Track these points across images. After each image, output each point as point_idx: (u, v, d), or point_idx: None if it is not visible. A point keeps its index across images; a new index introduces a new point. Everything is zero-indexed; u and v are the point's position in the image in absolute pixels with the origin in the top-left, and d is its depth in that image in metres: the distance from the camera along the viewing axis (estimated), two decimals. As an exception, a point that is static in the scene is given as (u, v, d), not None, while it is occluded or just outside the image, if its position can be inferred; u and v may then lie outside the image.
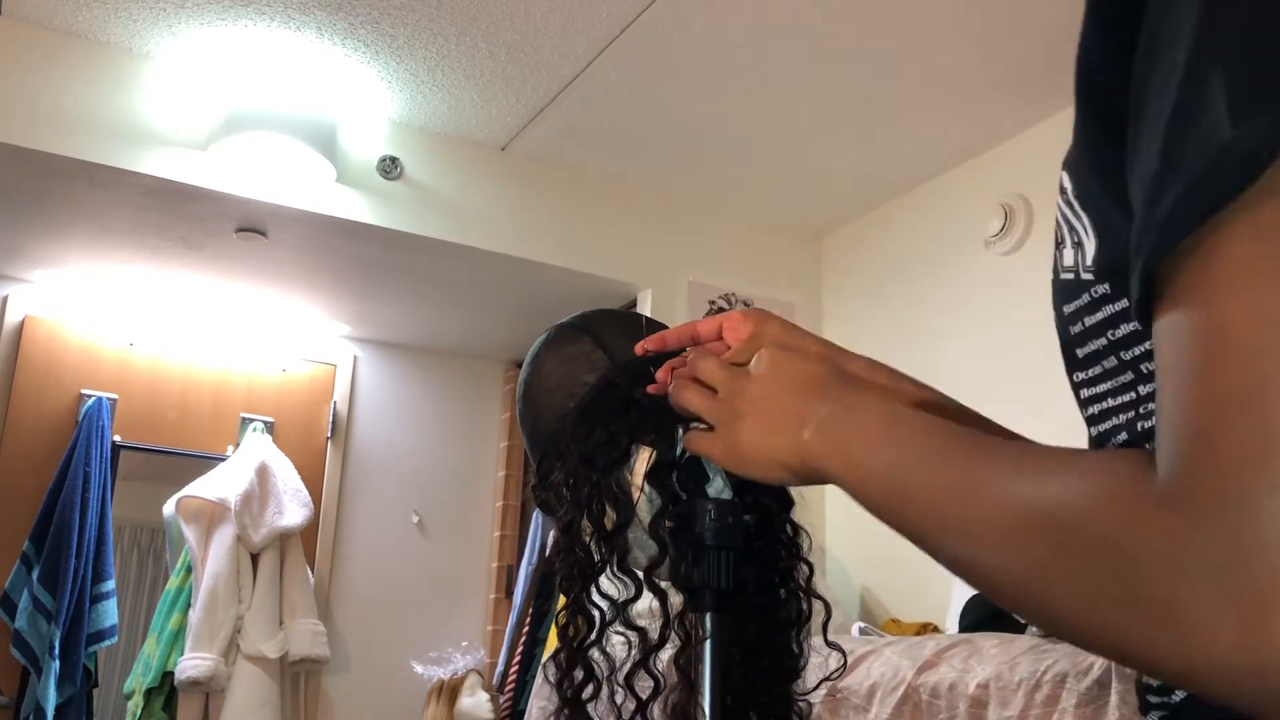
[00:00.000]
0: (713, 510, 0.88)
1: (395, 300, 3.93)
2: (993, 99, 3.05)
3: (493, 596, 4.33)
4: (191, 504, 3.63)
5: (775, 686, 0.95)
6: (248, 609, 3.58)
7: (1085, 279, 0.56)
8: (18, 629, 3.38)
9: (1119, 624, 0.43)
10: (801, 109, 3.18)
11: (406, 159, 3.32)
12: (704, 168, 3.57)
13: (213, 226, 3.29)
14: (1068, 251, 0.58)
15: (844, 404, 0.67)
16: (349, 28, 2.85)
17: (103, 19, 2.86)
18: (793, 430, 0.69)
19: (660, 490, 0.90)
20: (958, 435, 0.57)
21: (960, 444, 0.56)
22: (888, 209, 3.72)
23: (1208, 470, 0.39)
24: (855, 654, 2.26)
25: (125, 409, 3.83)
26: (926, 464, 0.56)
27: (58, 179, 3.00)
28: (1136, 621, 0.42)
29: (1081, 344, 0.58)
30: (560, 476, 0.95)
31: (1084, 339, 0.58)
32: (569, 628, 0.92)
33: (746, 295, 3.72)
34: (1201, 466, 0.40)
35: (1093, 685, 1.75)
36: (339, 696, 4.01)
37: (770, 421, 0.72)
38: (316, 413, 4.17)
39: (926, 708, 2.02)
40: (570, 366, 0.98)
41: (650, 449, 0.92)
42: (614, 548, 0.91)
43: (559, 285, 3.60)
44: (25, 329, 3.73)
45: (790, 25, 2.78)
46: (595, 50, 2.92)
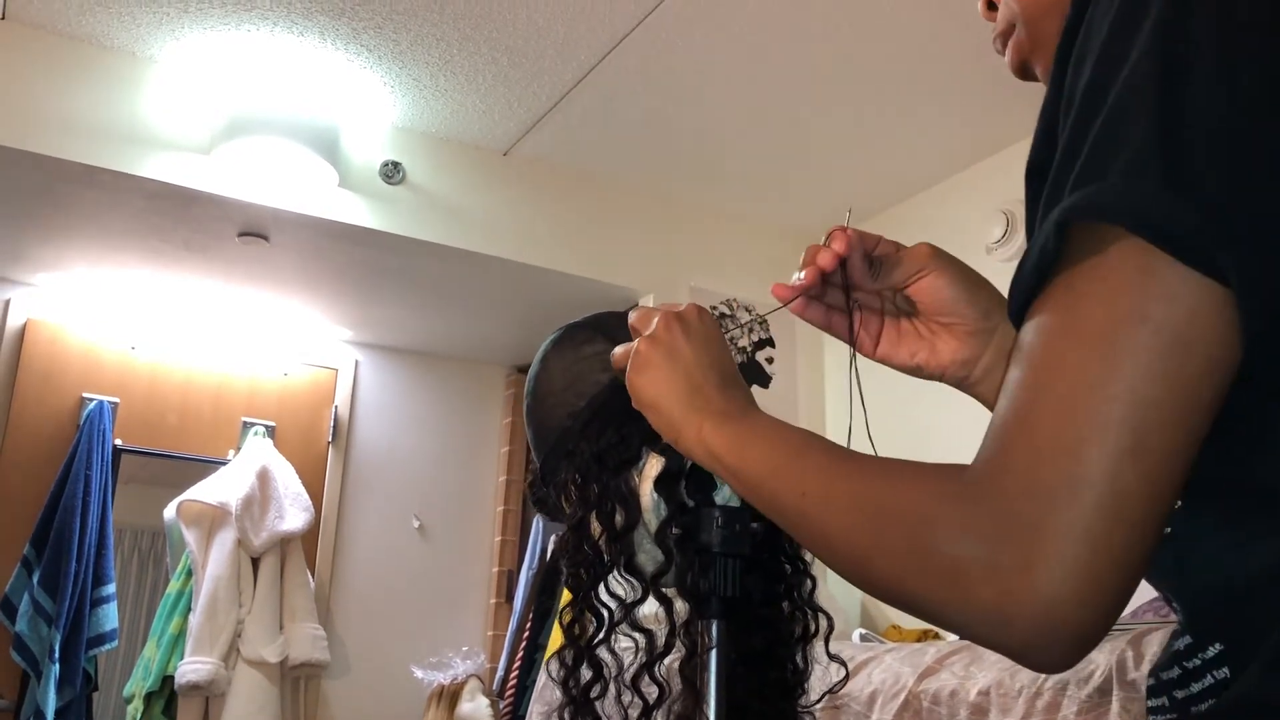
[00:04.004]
0: (720, 518, 0.88)
1: (397, 305, 3.93)
2: (995, 105, 3.05)
3: (493, 601, 4.33)
4: (192, 508, 3.62)
5: (779, 700, 0.95)
6: (248, 613, 3.58)
7: None
8: (18, 632, 3.37)
9: (916, 582, 0.54)
10: (803, 115, 3.18)
11: (409, 164, 3.32)
12: (706, 173, 3.57)
13: (215, 230, 3.29)
14: None
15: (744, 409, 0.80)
16: (352, 32, 2.85)
17: (106, 23, 2.86)
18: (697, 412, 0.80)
19: (668, 498, 0.90)
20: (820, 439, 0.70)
21: (820, 443, 0.69)
22: (889, 215, 3.72)
23: (998, 465, 0.52)
24: (856, 661, 2.26)
25: (126, 412, 3.83)
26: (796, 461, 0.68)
27: (60, 182, 3.00)
28: (929, 579, 0.53)
29: None
30: (568, 475, 0.95)
31: None
32: (574, 626, 0.92)
33: (748, 300, 3.73)
34: (994, 462, 0.52)
35: (1094, 693, 1.75)
36: (339, 701, 4.00)
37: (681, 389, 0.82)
38: (317, 417, 4.16)
39: (927, 714, 2.02)
40: (583, 365, 0.98)
41: (660, 455, 0.92)
42: (623, 548, 0.91)
43: (561, 290, 3.60)
44: (27, 332, 3.73)
45: (791, 32, 2.79)
46: (597, 56, 2.93)
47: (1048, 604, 0.49)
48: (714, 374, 0.83)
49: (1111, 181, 0.50)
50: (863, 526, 0.59)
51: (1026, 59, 0.77)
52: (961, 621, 0.53)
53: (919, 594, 0.54)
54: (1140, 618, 2.05)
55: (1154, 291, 0.49)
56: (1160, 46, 0.52)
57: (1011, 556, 0.50)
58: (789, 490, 0.67)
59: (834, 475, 0.64)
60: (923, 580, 0.54)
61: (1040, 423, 0.51)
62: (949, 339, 0.88)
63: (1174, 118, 0.50)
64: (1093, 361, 0.50)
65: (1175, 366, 0.49)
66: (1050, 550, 0.49)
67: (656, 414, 0.83)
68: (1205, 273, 0.49)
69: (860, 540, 0.59)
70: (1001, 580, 0.50)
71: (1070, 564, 0.49)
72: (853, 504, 0.61)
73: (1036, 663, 0.52)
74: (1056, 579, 0.49)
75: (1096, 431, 0.49)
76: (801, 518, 0.65)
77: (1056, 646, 0.50)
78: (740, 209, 3.80)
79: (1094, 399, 0.49)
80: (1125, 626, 1.88)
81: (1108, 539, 0.49)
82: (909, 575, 0.55)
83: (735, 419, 0.78)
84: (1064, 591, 0.49)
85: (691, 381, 0.82)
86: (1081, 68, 0.55)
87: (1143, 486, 0.49)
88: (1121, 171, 0.50)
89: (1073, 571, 0.48)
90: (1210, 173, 0.49)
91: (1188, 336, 0.49)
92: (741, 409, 0.80)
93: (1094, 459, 0.49)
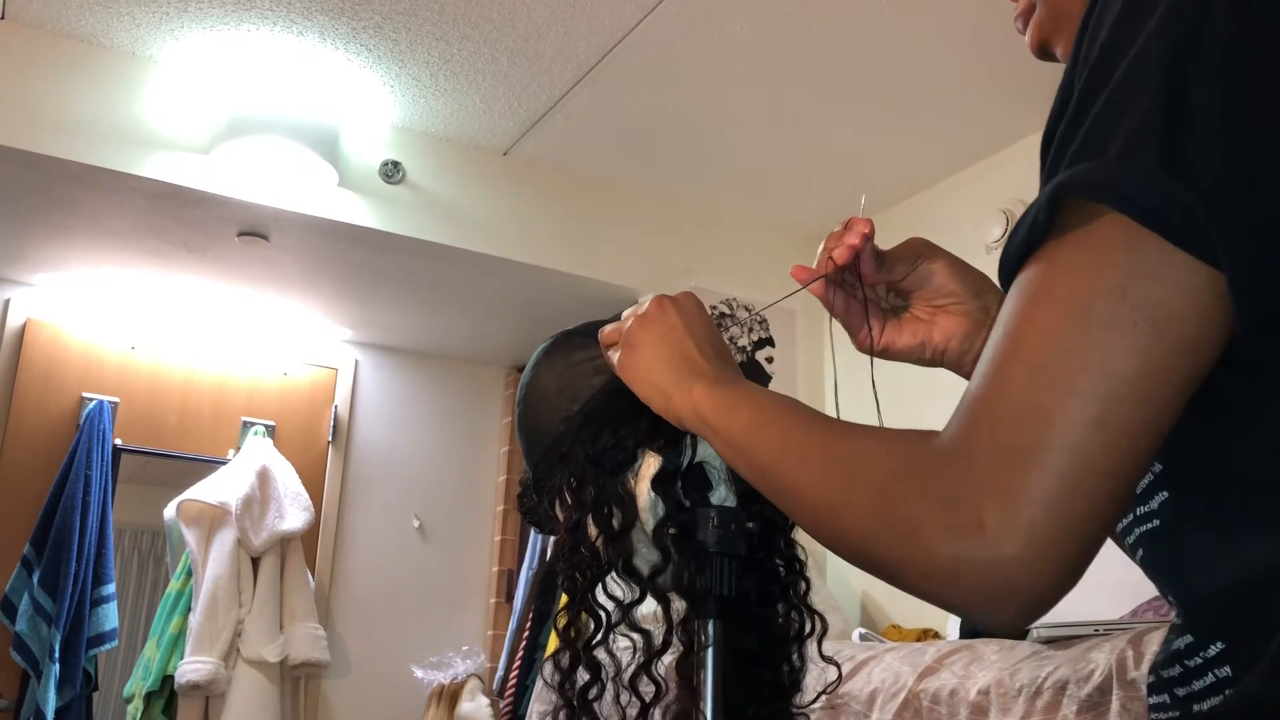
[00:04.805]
0: (716, 517, 0.88)
1: (397, 304, 3.93)
2: (994, 104, 3.05)
3: (493, 601, 4.33)
4: (192, 507, 3.62)
5: (775, 700, 0.95)
6: (248, 613, 3.58)
7: None
8: (18, 632, 3.38)
9: (879, 539, 0.56)
10: (803, 115, 3.18)
11: (408, 163, 3.32)
12: (706, 173, 3.57)
13: (215, 230, 3.29)
14: None
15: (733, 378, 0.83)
16: (352, 32, 2.85)
17: (106, 23, 2.86)
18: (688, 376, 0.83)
19: (665, 498, 0.90)
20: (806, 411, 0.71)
21: (805, 409, 0.71)
22: (889, 214, 3.72)
23: (967, 427, 0.53)
24: (856, 660, 2.26)
25: (126, 412, 3.83)
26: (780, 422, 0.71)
27: (60, 182, 3.00)
28: (890, 536, 0.55)
29: None
30: (562, 479, 0.95)
31: None
32: (570, 629, 0.92)
33: (748, 300, 3.73)
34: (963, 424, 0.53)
35: (1094, 692, 1.75)
36: (339, 701, 4.01)
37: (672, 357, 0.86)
38: (317, 416, 4.17)
39: (927, 714, 2.02)
40: (575, 370, 0.98)
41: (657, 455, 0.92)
42: (620, 549, 0.91)
43: (560, 290, 3.60)
44: (27, 332, 3.73)
45: (791, 32, 2.79)
46: (597, 56, 2.92)
47: (996, 563, 0.50)
48: (707, 346, 0.86)
49: (1108, 160, 0.51)
50: (834, 483, 0.61)
51: (1047, 38, 0.76)
52: (916, 579, 0.54)
53: (880, 550, 0.56)
54: (1140, 617, 2.05)
55: (1138, 269, 0.50)
56: (1170, 27, 0.52)
57: (967, 515, 0.51)
58: (768, 447, 0.69)
59: (811, 435, 0.66)
60: (885, 537, 0.55)
61: (1010, 388, 0.52)
62: (946, 318, 0.90)
63: (1177, 99, 0.50)
64: (1067, 330, 0.51)
65: (1150, 344, 0.50)
66: (1005, 511, 0.50)
67: (648, 384, 0.86)
68: (1195, 255, 0.49)
69: (830, 496, 0.61)
70: (955, 538, 0.51)
71: (1024, 527, 0.49)
72: (826, 461, 0.63)
73: (984, 620, 0.54)
74: (1008, 540, 0.50)
75: (1064, 399, 0.50)
76: (778, 473, 0.67)
77: (1003, 606, 0.51)
78: (740, 209, 3.80)
79: (1065, 367, 0.50)
80: (1125, 626, 1.88)
81: (1064, 506, 0.49)
82: (872, 532, 0.56)
83: (726, 384, 0.81)
84: (1014, 552, 0.50)
85: (684, 351, 0.86)
86: (1094, 42, 0.56)
87: (1105, 458, 0.50)
88: (1119, 151, 0.51)
89: (1026, 534, 0.49)
90: (1209, 156, 0.49)
91: (1167, 315, 0.50)
92: (732, 377, 0.83)
93: (1058, 425, 0.50)
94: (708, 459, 0.93)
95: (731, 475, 0.92)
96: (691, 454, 0.92)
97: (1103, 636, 1.85)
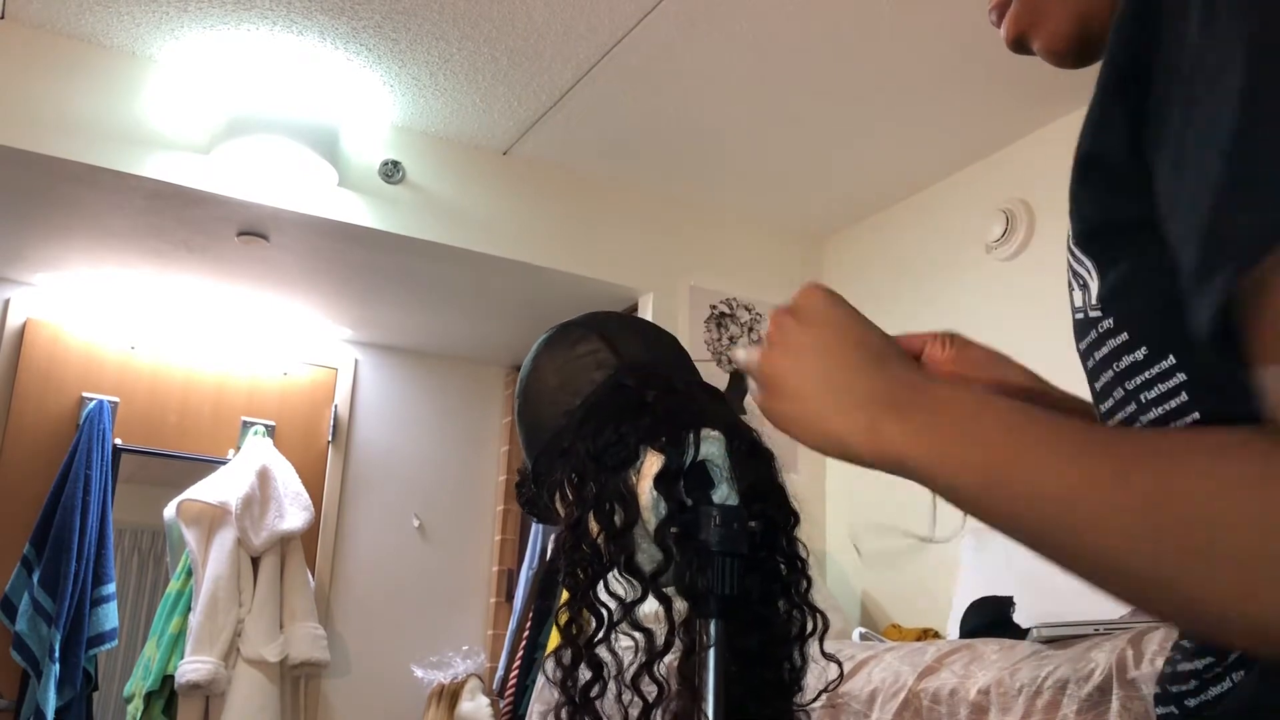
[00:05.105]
0: (718, 516, 0.87)
1: (396, 304, 3.93)
2: (994, 104, 3.05)
3: (493, 601, 4.33)
4: (192, 507, 3.62)
5: (776, 699, 0.95)
6: (248, 612, 3.58)
7: (1093, 316, 0.60)
8: (18, 632, 3.37)
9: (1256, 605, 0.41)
10: (803, 113, 3.18)
11: (408, 163, 3.32)
12: (705, 172, 3.57)
13: (214, 230, 3.29)
14: (1077, 293, 0.62)
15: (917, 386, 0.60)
16: (351, 32, 2.85)
17: (106, 22, 2.86)
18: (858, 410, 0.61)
19: (667, 497, 0.90)
20: (1054, 423, 0.52)
21: (1061, 432, 0.51)
22: (889, 214, 3.72)
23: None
24: (856, 659, 2.26)
25: (126, 412, 3.83)
26: (1029, 456, 0.51)
27: (60, 182, 3.00)
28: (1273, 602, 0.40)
29: (1096, 378, 0.62)
30: (563, 474, 0.95)
31: (1096, 373, 0.61)
32: (571, 626, 0.92)
33: (748, 300, 3.73)
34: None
35: (1094, 691, 1.75)
36: (339, 700, 4.01)
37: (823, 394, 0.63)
38: (317, 416, 4.17)
39: (927, 713, 2.02)
40: (577, 364, 0.98)
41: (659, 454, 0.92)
42: (621, 547, 0.90)
43: (560, 289, 3.60)
44: (27, 332, 3.73)
45: (791, 31, 2.78)
46: (597, 55, 2.92)
47: None
48: (857, 357, 0.64)
49: None
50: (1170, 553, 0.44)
51: (1024, 31, 0.73)
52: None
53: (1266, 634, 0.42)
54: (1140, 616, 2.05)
55: None
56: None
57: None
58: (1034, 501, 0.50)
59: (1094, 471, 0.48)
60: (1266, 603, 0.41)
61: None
62: None
63: None
64: None
65: None
66: None
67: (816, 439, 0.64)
68: None
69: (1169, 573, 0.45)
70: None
71: None
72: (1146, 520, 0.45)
73: None
74: None
75: None
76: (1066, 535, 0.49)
77: None
78: (739, 208, 3.80)
79: None
80: (1125, 625, 1.88)
81: None
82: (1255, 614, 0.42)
83: (911, 407, 0.59)
84: None
85: (833, 382, 0.63)
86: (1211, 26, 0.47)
87: None
88: None
89: None
90: None
91: None
92: (910, 391, 0.60)
93: None
94: (710, 457, 0.92)
95: (733, 473, 0.92)
96: (694, 452, 0.92)
97: (1103, 636, 1.85)
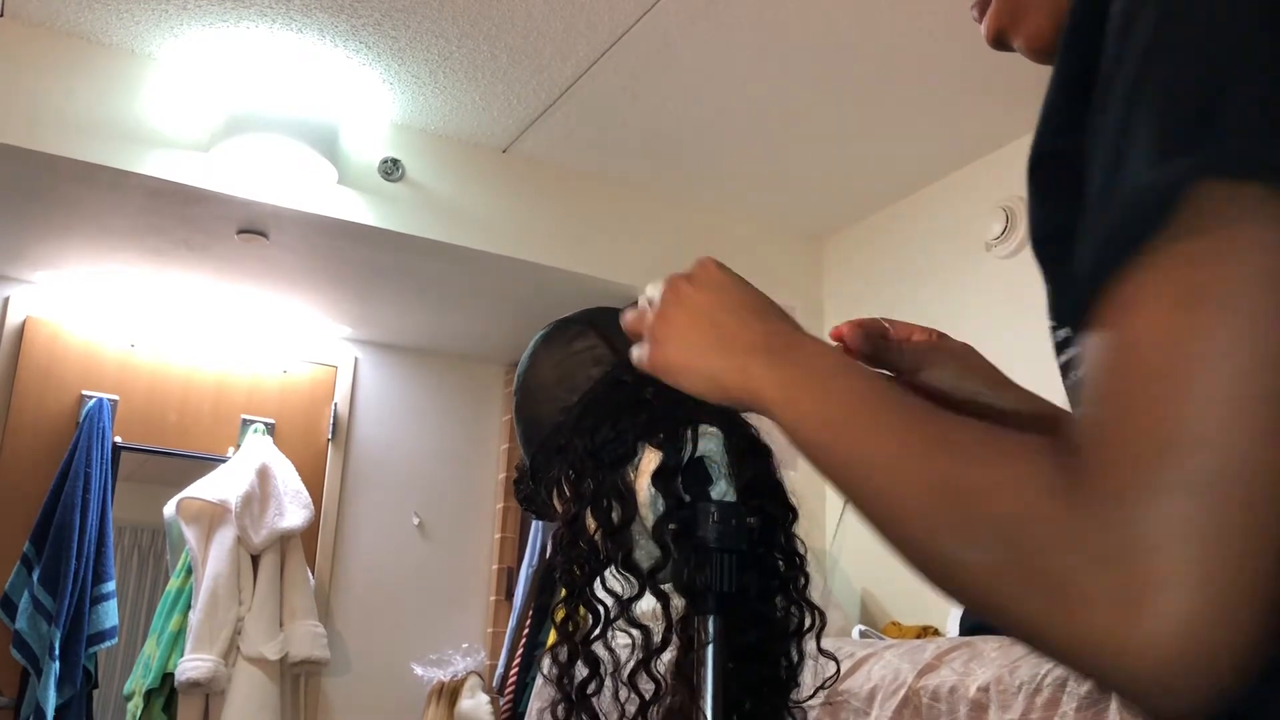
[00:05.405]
0: (715, 513, 0.87)
1: (396, 302, 3.93)
2: (994, 102, 3.05)
3: (493, 598, 4.33)
4: (192, 505, 3.62)
5: (774, 696, 0.95)
6: (248, 610, 3.58)
7: (1050, 324, 0.62)
8: (18, 630, 3.38)
9: (1015, 595, 0.45)
10: (803, 112, 3.18)
11: (408, 161, 3.32)
12: (704, 171, 3.57)
13: (214, 228, 3.29)
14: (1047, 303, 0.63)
15: (791, 340, 0.68)
16: (351, 29, 2.85)
17: (105, 20, 2.86)
18: (736, 353, 0.69)
19: (665, 493, 0.90)
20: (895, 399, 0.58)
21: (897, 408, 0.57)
22: (889, 212, 3.72)
23: (1106, 466, 0.43)
24: (856, 657, 2.26)
25: (126, 410, 3.83)
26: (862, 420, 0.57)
27: (59, 180, 3.00)
28: (1031, 594, 0.45)
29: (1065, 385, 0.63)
30: (560, 471, 0.95)
31: (1063, 377, 0.63)
32: (568, 623, 0.92)
33: (747, 298, 3.72)
34: (1101, 460, 0.43)
35: (1093, 689, 1.75)
36: (339, 698, 4.01)
37: (708, 336, 0.72)
38: (317, 414, 4.17)
39: (927, 711, 2.02)
40: (574, 360, 0.98)
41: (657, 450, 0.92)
42: (619, 544, 0.90)
43: (559, 287, 3.60)
44: (26, 330, 3.73)
45: (791, 29, 2.78)
46: (597, 53, 2.92)
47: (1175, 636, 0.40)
48: (745, 311, 0.72)
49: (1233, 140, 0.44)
50: (945, 519, 0.49)
51: (1004, 28, 0.74)
52: (1063, 649, 0.45)
53: (1012, 609, 0.46)
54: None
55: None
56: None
57: (1138, 575, 0.41)
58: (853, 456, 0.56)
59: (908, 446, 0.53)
60: (1020, 597, 0.45)
61: (1169, 408, 0.42)
62: None
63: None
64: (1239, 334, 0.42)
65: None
66: (1187, 567, 0.40)
67: (693, 374, 0.73)
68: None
69: (943, 538, 0.49)
70: (1122, 605, 0.41)
71: (1212, 585, 0.40)
72: (932, 489, 0.50)
73: (1151, 708, 0.43)
74: (1192, 604, 0.40)
75: (1243, 417, 0.41)
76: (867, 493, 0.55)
77: (1182, 689, 0.41)
78: (739, 206, 3.80)
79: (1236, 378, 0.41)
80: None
81: (1252, 553, 0.40)
82: (1004, 589, 0.46)
83: (780, 355, 0.66)
84: (1199, 619, 0.40)
85: (719, 328, 0.72)
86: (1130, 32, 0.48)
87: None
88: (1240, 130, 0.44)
89: (1214, 594, 0.40)
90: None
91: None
92: (782, 341, 0.67)
93: (1240, 450, 0.41)
94: (708, 454, 0.92)
95: (731, 469, 0.92)
96: (692, 449, 0.92)
97: (1102, 633, 1.84)
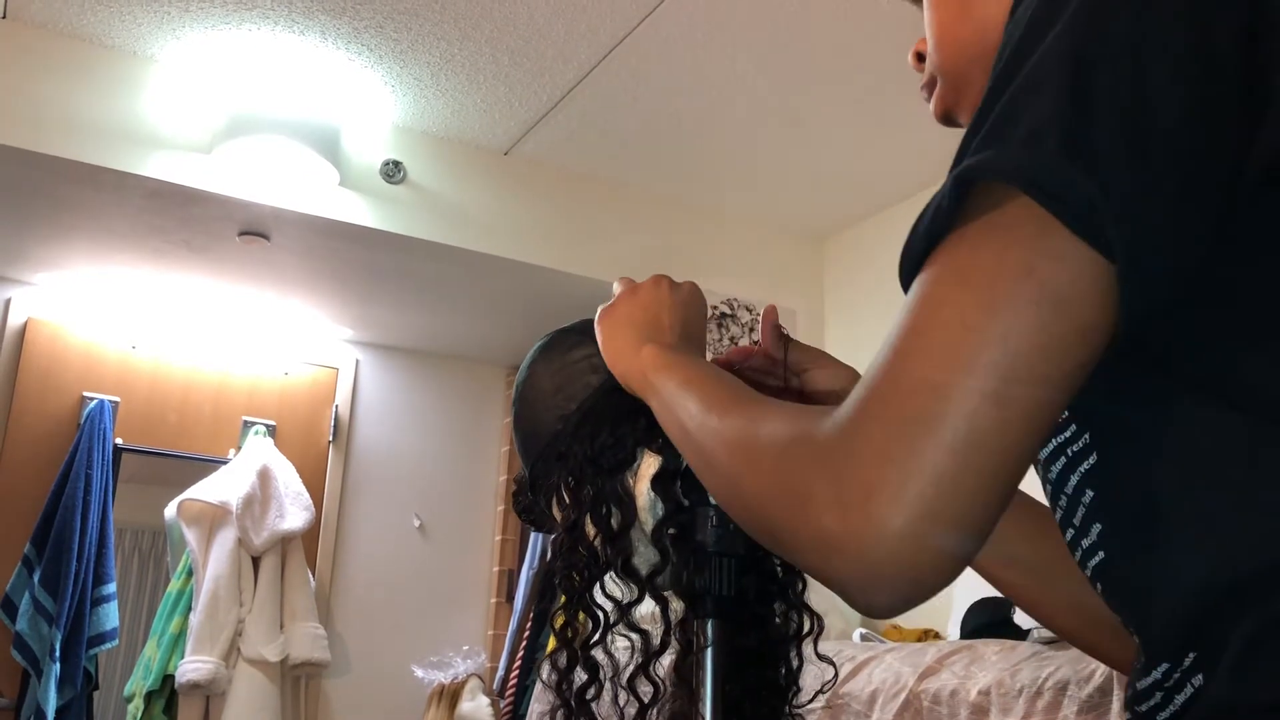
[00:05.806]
0: (714, 517, 0.88)
1: (397, 304, 3.93)
2: (995, 105, 3.05)
3: (494, 601, 4.33)
4: (193, 507, 3.63)
5: (772, 699, 0.95)
6: (248, 612, 3.58)
7: None
8: (18, 631, 3.38)
9: (771, 508, 0.56)
10: (803, 114, 3.18)
11: (409, 163, 3.32)
12: (706, 173, 3.57)
13: (215, 230, 3.29)
14: None
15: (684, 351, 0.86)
16: (353, 32, 2.85)
17: (107, 22, 2.86)
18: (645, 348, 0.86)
19: (664, 498, 0.90)
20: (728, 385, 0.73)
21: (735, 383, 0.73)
22: (890, 213, 3.72)
23: (865, 398, 0.52)
24: (856, 660, 2.26)
25: (127, 411, 3.83)
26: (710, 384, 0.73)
27: (61, 182, 3.00)
28: (784, 503, 0.54)
29: None
30: (559, 478, 0.95)
31: None
32: (567, 629, 0.92)
33: (748, 300, 3.72)
34: (862, 396, 0.52)
35: (1094, 693, 1.75)
36: (339, 700, 4.01)
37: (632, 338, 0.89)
38: (318, 416, 4.17)
39: (928, 714, 2.02)
40: (572, 369, 0.98)
41: (656, 455, 0.92)
42: (619, 549, 0.90)
43: (561, 289, 3.60)
44: (27, 331, 3.73)
45: (791, 32, 2.78)
46: (598, 56, 2.92)
47: (880, 538, 0.48)
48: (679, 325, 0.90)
49: (1012, 147, 0.51)
50: (739, 450, 0.62)
51: (950, 109, 0.80)
52: (800, 550, 0.53)
53: (771, 520, 0.56)
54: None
55: (1044, 249, 0.50)
56: (1079, 26, 0.52)
57: (853, 487, 0.50)
58: (692, 410, 0.72)
59: (732, 404, 0.68)
60: (775, 506, 0.55)
61: (908, 364, 0.51)
62: None
63: (1082, 94, 0.51)
64: (972, 306, 0.50)
65: (1052, 324, 0.49)
66: (894, 481, 0.48)
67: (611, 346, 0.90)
68: (1092, 244, 0.49)
69: (736, 464, 0.62)
70: (841, 510, 0.50)
71: (911, 501, 0.48)
72: (738, 430, 0.64)
73: (861, 600, 0.52)
74: (895, 513, 0.48)
75: (963, 372, 0.49)
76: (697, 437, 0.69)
77: (882, 584, 0.50)
78: (740, 208, 3.80)
79: (967, 341, 0.49)
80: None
81: (955, 482, 0.48)
82: (765, 501, 0.56)
83: (676, 351, 0.84)
84: (899, 527, 0.48)
85: (656, 320, 0.89)
86: (1009, 40, 0.56)
87: (999, 436, 0.49)
88: (1022, 139, 0.51)
89: (913, 508, 0.48)
90: (1109, 151, 0.49)
91: (1069, 298, 0.49)
92: (688, 349, 0.86)
93: (955, 400, 0.49)
94: None
95: None
96: None
97: (1103, 637, 1.84)
